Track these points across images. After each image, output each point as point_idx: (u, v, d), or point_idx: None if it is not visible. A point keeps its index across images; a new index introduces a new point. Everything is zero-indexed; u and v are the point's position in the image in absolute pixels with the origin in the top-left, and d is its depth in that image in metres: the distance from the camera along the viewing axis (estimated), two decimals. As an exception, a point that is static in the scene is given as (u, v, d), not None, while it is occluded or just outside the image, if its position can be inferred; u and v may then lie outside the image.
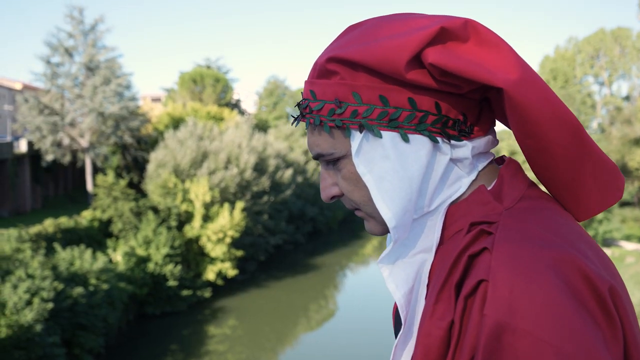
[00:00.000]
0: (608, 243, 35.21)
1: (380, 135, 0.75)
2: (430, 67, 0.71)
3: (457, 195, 0.79)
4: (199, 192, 28.84)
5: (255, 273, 32.74)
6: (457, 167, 0.79)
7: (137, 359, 21.47)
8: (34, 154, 34.18)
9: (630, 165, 39.40)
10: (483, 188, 0.77)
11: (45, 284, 17.99)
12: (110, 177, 28.98)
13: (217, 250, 28.40)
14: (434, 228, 0.79)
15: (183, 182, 30.24)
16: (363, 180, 0.78)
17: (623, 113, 42.52)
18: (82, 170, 39.13)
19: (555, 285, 0.61)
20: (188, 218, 29.30)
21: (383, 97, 0.74)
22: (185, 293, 26.61)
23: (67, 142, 33.38)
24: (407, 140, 0.75)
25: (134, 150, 36.65)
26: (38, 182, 34.87)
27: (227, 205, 29.28)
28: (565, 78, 47.46)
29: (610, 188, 0.78)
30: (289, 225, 38.24)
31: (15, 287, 17.34)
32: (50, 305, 17.41)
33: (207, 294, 27.88)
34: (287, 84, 59.63)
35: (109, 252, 25.76)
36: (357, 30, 0.78)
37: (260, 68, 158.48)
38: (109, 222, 28.22)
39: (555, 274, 0.61)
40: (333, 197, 0.85)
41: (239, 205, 29.66)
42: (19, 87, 55.49)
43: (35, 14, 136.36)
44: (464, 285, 0.67)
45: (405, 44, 0.70)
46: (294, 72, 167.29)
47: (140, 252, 25.87)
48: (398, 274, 0.79)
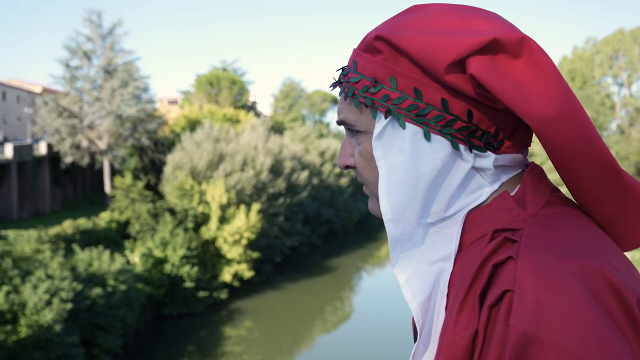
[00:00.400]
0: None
1: (404, 127, 0.74)
2: (470, 76, 0.69)
3: (477, 203, 0.77)
4: (216, 194, 28.99)
5: (271, 275, 32.81)
6: (479, 175, 0.76)
7: (154, 360, 21.63)
8: (53, 156, 34.62)
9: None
10: (506, 194, 0.75)
11: (65, 285, 18.19)
12: (128, 179, 29.26)
13: (233, 252, 28.52)
14: (452, 236, 0.77)
15: (200, 184, 30.42)
16: (376, 163, 0.78)
17: (643, 114, 41.92)
18: (100, 172, 39.54)
19: (582, 296, 0.59)
20: (204, 220, 29.46)
21: (418, 90, 0.73)
22: (202, 294, 26.75)
23: (85, 144, 33.76)
24: (428, 139, 0.74)
25: (151, 153, 36.96)
26: (57, 183, 35.31)
27: (243, 207, 29.39)
28: (584, 79, 46.92)
29: None
30: (305, 227, 38.26)
31: (35, 287, 17.55)
32: (69, 306, 17.59)
33: (223, 296, 27.99)
34: (302, 86, 59.77)
35: (127, 253, 25.99)
36: (417, 14, 0.76)
37: (276, 70, 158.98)
38: (127, 223, 28.47)
39: (582, 285, 0.60)
40: (347, 166, 0.85)
41: (255, 207, 29.76)
42: (39, 90, 56.27)
43: (55, 19, 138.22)
44: (489, 295, 0.66)
45: (452, 46, 0.69)
46: (310, 74, 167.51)
47: (158, 253, 26.07)
48: (415, 283, 0.77)
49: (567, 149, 0.69)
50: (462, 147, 0.74)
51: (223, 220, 29.36)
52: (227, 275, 28.62)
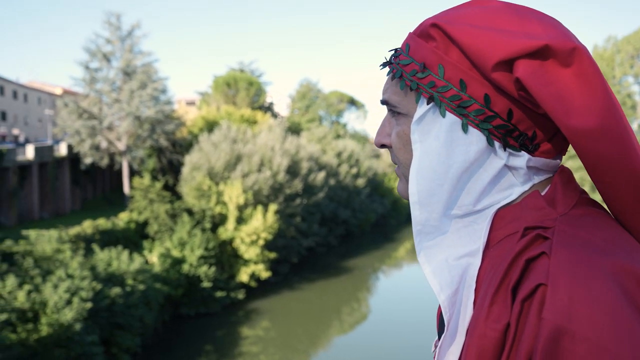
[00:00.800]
0: None
1: (444, 115, 0.75)
2: (516, 79, 0.70)
3: (507, 201, 0.78)
4: (233, 194, 29.13)
5: (288, 275, 32.88)
6: (511, 174, 0.77)
7: (172, 359, 21.77)
8: (73, 157, 35.07)
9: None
10: (537, 193, 0.77)
11: (84, 284, 18.40)
12: (147, 179, 29.53)
13: (250, 252, 28.63)
14: (481, 232, 0.78)
15: (217, 184, 30.59)
16: (412, 146, 0.79)
17: (665, 114, 41.25)
18: (119, 173, 39.95)
19: (614, 293, 0.60)
20: (222, 220, 29.62)
21: (463, 81, 0.74)
22: (219, 294, 26.89)
23: (104, 145, 34.15)
24: (465, 131, 0.75)
25: (169, 153, 37.25)
26: (77, 184, 35.76)
27: (260, 208, 29.50)
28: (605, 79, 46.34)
29: None
30: (322, 228, 38.28)
31: (56, 286, 17.78)
32: (89, 305, 17.78)
33: (240, 296, 28.11)
34: (319, 87, 59.79)
35: (145, 253, 26.22)
36: (477, 8, 0.77)
37: (293, 71, 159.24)
38: (145, 223, 28.73)
39: (614, 282, 0.61)
40: (383, 145, 0.87)
41: (272, 208, 29.85)
42: (59, 92, 57.04)
43: (76, 21, 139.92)
44: (521, 289, 0.67)
45: (503, 45, 0.70)
46: (327, 75, 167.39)
47: (176, 253, 26.26)
48: (443, 276, 0.78)
49: (602, 164, 0.70)
50: (497, 144, 0.75)
51: (240, 221, 29.50)
52: (244, 276, 28.74)
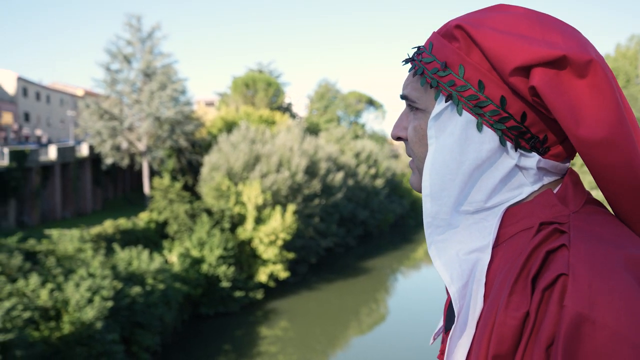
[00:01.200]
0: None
1: (461, 113, 0.78)
2: (531, 86, 0.73)
3: (516, 200, 0.81)
4: (252, 194, 29.25)
5: (307, 275, 32.91)
6: (521, 174, 0.80)
7: (191, 358, 21.92)
8: (95, 158, 35.51)
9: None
10: (550, 191, 0.80)
11: (105, 283, 18.61)
12: (166, 179, 29.78)
13: (269, 253, 28.72)
14: (491, 228, 0.81)
15: (236, 184, 30.74)
16: (428, 141, 0.82)
17: (690, 113, 40.47)
18: (139, 173, 40.36)
19: (630, 283, 0.64)
20: (241, 220, 29.75)
21: (482, 82, 0.77)
22: (238, 294, 27.01)
23: (125, 145, 34.52)
24: (480, 130, 0.78)
25: (189, 154, 37.53)
26: (98, 184, 36.20)
27: (278, 208, 29.58)
28: (627, 77, 45.61)
29: None
30: (340, 228, 38.26)
31: (78, 285, 18.01)
32: (110, 304, 17.97)
33: (259, 296, 28.21)
34: (338, 87, 59.76)
35: (165, 252, 26.44)
36: (500, 13, 0.79)
37: (312, 72, 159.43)
38: (165, 223, 28.98)
39: (630, 273, 0.65)
40: (399, 138, 0.90)
41: (291, 208, 29.91)
42: (81, 93, 57.80)
43: (97, 24, 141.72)
44: (542, 279, 0.70)
45: (522, 51, 0.72)
46: (345, 75, 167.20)
47: (195, 253, 26.44)
48: (454, 269, 0.81)
49: (608, 173, 0.73)
50: (509, 144, 0.78)
51: (259, 221, 29.61)
52: (262, 276, 28.84)
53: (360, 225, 42.77)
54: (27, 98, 49.56)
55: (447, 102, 0.79)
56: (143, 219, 28.81)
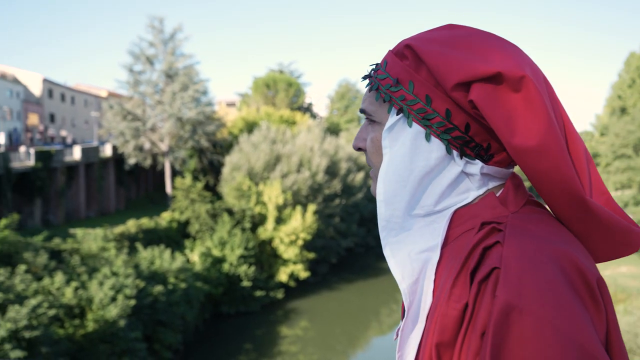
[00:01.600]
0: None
1: (411, 125, 0.86)
2: (470, 100, 0.80)
3: (464, 203, 0.88)
4: (272, 194, 29.35)
5: (327, 275, 32.93)
6: (468, 179, 0.87)
7: (212, 357, 22.09)
8: (118, 158, 35.97)
9: None
10: (492, 194, 0.87)
11: (128, 282, 18.83)
12: (188, 179, 30.04)
13: (289, 252, 28.80)
14: (440, 230, 0.88)
15: (257, 184, 30.89)
16: (382, 151, 0.90)
17: None
18: (161, 173, 40.77)
19: (556, 275, 0.71)
20: (261, 220, 29.88)
21: (429, 97, 0.84)
22: (259, 294, 27.13)
23: (148, 146, 34.90)
24: (428, 140, 0.85)
25: (210, 154, 37.80)
26: (122, 184, 36.67)
27: (299, 208, 29.64)
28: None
29: (622, 244, 0.87)
30: (360, 228, 38.21)
31: (101, 283, 18.25)
32: (133, 302, 18.18)
33: (279, 295, 28.30)
34: (358, 87, 59.63)
35: (187, 252, 26.67)
36: (447, 32, 0.87)
37: (332, 72, 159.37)
38: (187, 223, 29.23)
39: (555, 266, 0.72)
40: (359, 148, 0.97)
41: (311, 208, 29.95)
42: (105, 94, 58.56)
43: (121, 26, 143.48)
44: (479, 272, 0.77)
45: (462, 69, 0.80)
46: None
47: (216, 252, 26.63)
48: (405, 267, 0.88)
49: (540, 177, 0.80)
50: (455, 152, 0.86)
51: (279, 221, 29.70)
52: (283, 275, 28.92)
53: (381, 226, 42.61)
54: (52, 99, 50.39)
55: (398, 115, 0.87)
56: (165, 219, 29.11)
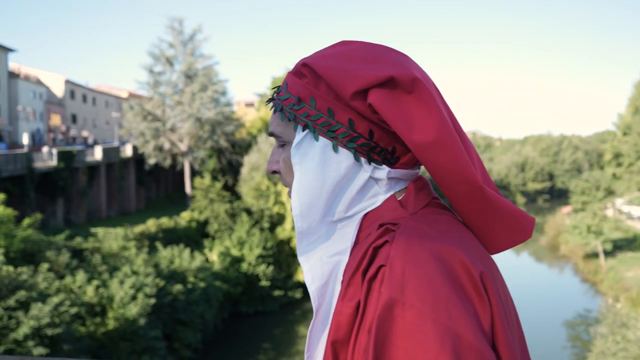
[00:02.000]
0: None
1: (318, 139, 0.89)
2: (369, 104, 0.84)
3: (373, 207, 0.92)
4: (291, 194, 29.38)
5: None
6: (376, 184, 0.91)
7: (231, 356, 22.18)
8: (138, 158, 36.32)
9: None
10: (393, 197, 0.91)
11: (148, 281, 18.99)
12: (207, 179, 30.23)
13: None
14: (350, 234, 0.92)
15: (275, 184, 30.96)
16: (293, 169, 0.92)
17: None
18: (181, 173, 41.08)
19: (438, 270, 0.75)
20: (280, 220, 29.95)
21: (331, 110, 0.88)
22: (277, 293, 27.19)
23: (167, 146, 35.19)
24: (336, 151, 0.88)
25: (229, 154, 37.98)
26: (142, 184, 37.02)
27: (317, 208, 29.62)
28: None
29: (518, 230, 0.91)
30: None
31: (122, 282, 18.43)
32: (153, 301, 18.33)
33: (298, 295, 28.33)
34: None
35: (206, 251, 26.83)
36: (341, 47, 0.92)
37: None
38: (206, 222, 29.40)
39: (439, 261, 0.76)
40: (274, 171, 1.00)
41: (329, 208, 29.91)
42: (125, 95, 59.18)
43: (141, 28, 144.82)
44: (369, 271, 0.81)
45: (357, 78, 0.84)
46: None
47: (235, 252, 26.75)
48: (316, 271, 0.91)
49: (439, 170, 0.84)
50: (362, 159, 0.89)
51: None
52: (301, 275, 28.93)
53: (399, 226, 42.51)
54: (74, 100, 51.07)
55: (304, 131, 0.90)
56: (184, 218, 29.32)
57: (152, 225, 26.18)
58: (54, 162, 27.32)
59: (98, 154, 31.57)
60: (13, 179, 24.75)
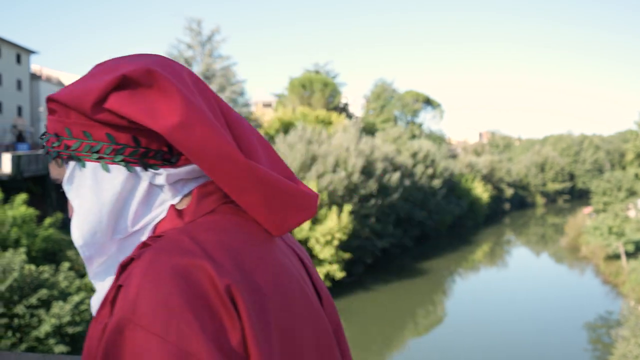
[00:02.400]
0: None
1: (84, 166, 0.85)
2: (110, 110, 0.81)
3: (162, 217, 0.88)
4: (308, 194, 29.43)
5: (362, 276, 32.85)
6: (162, 192, 0.88)
7: (249, 355, 22.28)
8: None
9: None
10: (171, 207, 0.88)
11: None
12: (225, 180, 30.39)
13: (325, 252, 28.85)
14: None
15: (293, 185, 31.01)
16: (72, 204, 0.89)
17: None
18: (199, 173, 41.34)
19: (177, 287, 0.72)
20: (297, 220, 29.97)
21: (87, 132, 0.84)
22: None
23: (186, 146, 35.46)
24: (107, 170, 0.85)
25: (247, 154, 38.14)
26: (160, 184, 37.37)
27: (335, 208, 29.66)
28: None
29: (299, 209, 0.89)
30: (397, 229, 37.99)
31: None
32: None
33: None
34: (394, 87, 59.32)
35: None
36: (89, 71, 0.89)
37: (368, 72, 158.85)
38: (224, 222, 29.56)
39: (180, 277, 0.73)
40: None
41: (347, 208, 29.94)
42: (144, 96, 59.81)
43: (160, 29, 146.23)
44: (109, 291, 0.78)
45: (91, 89, 0.81)
46: (402, 74, 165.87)
47: (252, 252, 26.84)
48: (104, 291, 0.88)
49: (193, 151, 0.81)
50: (138, 168, 0.85)
51: (315, 221, 29.78)
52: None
53: (417, 226, 42.32)
54: (94, 101, 51.72)
55: (71, 163, 0.86)
56: (203, 218, 29.50)
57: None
58: (75, 162, 27.58)
59: (118, 155, 31.85)
60: (35, 179, 25.13)
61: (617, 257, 35.55)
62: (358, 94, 72.34)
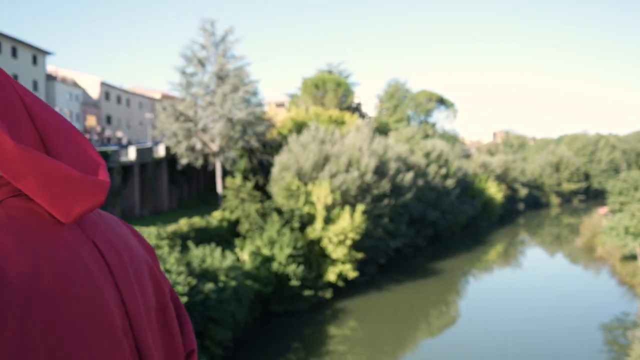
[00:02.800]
0: None
1: None
2: None
3: None
4: (321, 194, 29.43)
5: (375, 276, 32.78)
6: None
7: (262, 355, 22.32)
8: (171, 158, 36.84)
9: None
10: None
11: (181, 279, 19.25)
12: (238, 179, 30.48)
13: (338, 252, 28.81)
14: None
15: (305, 184, 31.04)
16: None
17: None
18: (212, 173, 41.51)
19: None
20: (310, 220, 30.01)
21: None
22: (307, 293, 27.25)
23: (199, 146, 35.60)
24: None
25: (260, 154, 38.23)
26: (174, 184, 37.55)
27: (347, 208, 29.61)
28: None
29: (85, 196, 0.87)
30: (410, 229, 37.86)
31: (155, 280, 18.70)
32: (185, 299, 18.59)
33: (328, 295, 28.35)
34: (407, 87, 59.11)
35: (237, 251, 27.05)
36: None
37: (381, 72, 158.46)
38: (237, 222, 29.65)
39: None
40: None
41: (360, 208, 29.87)
42: (158, 96, 60.08)
43: (174, 30, 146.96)
44: None
45: None
46: (415, 74, 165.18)
47: (265, 251, 26.90)
48: None
49: None
50: None
51: (328, 221, 29.75)
52: (331, 275, 28.96)
53: (431, 226, 42.15)
54: (109, 101, 52.10)
55: None
56: (216, 218, 29.61)
57: (184, 225, 26.52)
58: (90, 162, 27.84)
59: (132, 155, 32.12)
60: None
61: (633, 257, 35.13)
62: (371, 94, 72.25)
